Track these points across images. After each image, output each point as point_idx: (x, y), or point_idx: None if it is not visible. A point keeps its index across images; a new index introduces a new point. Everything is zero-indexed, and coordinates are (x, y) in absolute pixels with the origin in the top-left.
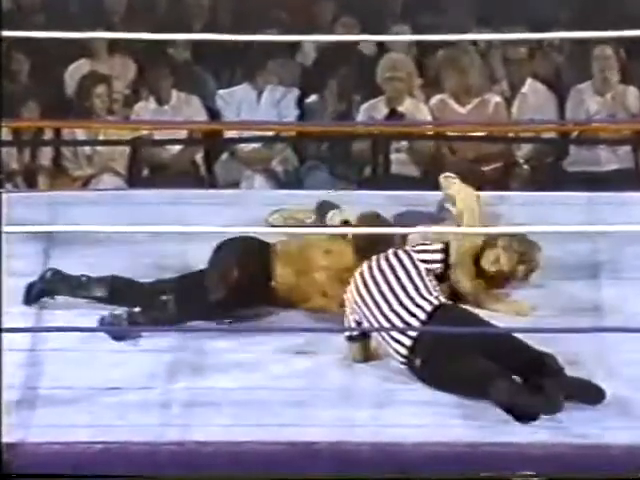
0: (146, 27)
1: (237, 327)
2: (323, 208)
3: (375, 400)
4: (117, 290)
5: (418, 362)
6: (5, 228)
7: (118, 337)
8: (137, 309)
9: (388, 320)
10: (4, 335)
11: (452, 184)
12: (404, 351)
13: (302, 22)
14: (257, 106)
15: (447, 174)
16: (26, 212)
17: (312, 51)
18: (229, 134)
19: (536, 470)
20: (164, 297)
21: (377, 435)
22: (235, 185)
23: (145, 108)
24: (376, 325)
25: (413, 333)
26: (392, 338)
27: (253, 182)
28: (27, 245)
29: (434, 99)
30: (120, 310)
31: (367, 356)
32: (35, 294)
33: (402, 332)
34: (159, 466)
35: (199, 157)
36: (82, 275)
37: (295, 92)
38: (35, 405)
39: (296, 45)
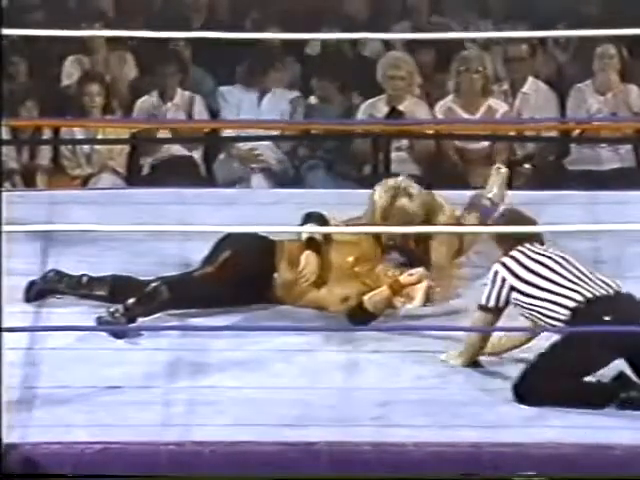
0: (145, 24)
1: (237, 325)
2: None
3: (376, 399)
4: (118, 289)
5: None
6: (4, 227)
7: (118, 334)
8: (131, 300)
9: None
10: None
11: (501, 174)
12: (571, 303)
13: (305, 20)
14: (258, 107)
15: (498, 165)
16: (25, 211)
17: (318, 46)
18: (228, 132)
19: (538, 470)
20: (153, 284)
21: (378, 435)
22: (234, 184)
23: (148, 103)
24: (539, 291)
25: (580, 297)
26: (557, 297)
27: (252, 181)
28: (26, 244)
29: (441, 106)
30: (117, 306)
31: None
32: (36, 293)
33: (566, 297)
34: (159, 466)
35: (199, 156)
36: (83, 275)
37: (295, 94)
38: (34, 405)
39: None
